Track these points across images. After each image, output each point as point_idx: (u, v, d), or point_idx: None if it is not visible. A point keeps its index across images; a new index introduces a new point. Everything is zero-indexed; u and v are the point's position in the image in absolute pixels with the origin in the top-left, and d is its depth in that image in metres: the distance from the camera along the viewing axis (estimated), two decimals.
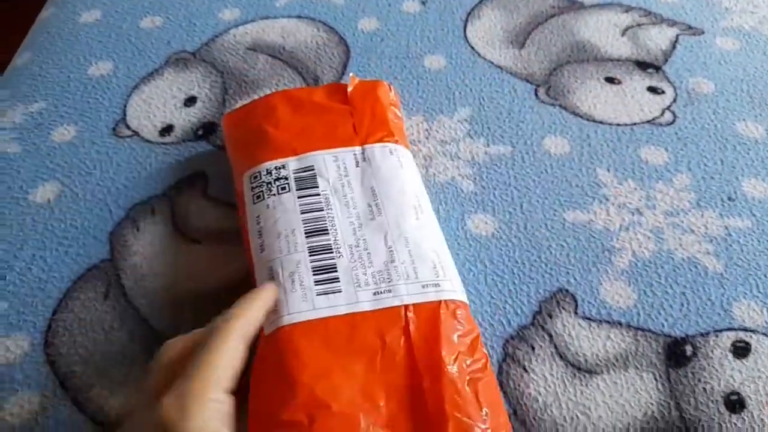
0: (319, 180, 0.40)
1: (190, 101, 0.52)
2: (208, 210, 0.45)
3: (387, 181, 0.40)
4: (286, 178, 0.40)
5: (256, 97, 0.52)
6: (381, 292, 0.35)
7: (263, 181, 0.40)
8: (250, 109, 0.46)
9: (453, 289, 0.36)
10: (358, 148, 0.41)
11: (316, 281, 0.35)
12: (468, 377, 0.33)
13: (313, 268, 0.36)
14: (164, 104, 0.52)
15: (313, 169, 0.40)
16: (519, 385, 0.37)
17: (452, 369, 0.33)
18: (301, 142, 0.41)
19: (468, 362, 0.34)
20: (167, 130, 0.50)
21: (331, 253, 0.37)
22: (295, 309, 0.34)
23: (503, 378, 0.38)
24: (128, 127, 0.50)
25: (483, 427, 0.31)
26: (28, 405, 0.37)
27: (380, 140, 0.42)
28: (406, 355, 0.33)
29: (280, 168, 0.40)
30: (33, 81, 0.54)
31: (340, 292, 0.35)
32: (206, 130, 0.50)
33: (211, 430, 0.29)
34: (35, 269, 0.42)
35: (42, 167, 0.48)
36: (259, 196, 0.39)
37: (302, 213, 0.38)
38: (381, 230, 0.38)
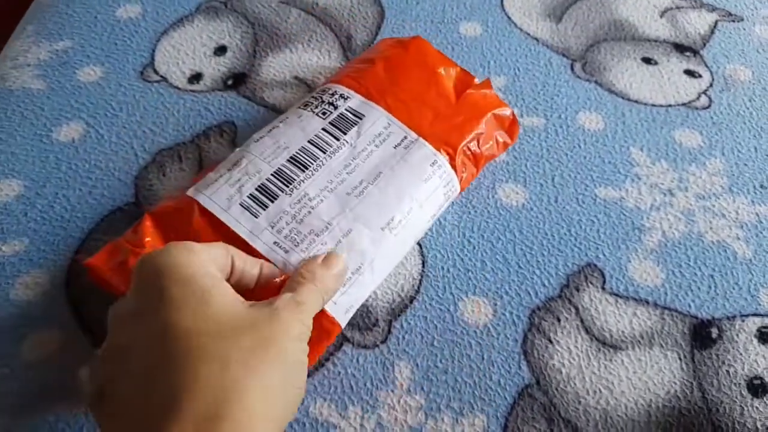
0: (353, 129, 0.39)
1: (221, 50, 0.51)
2: None
3: (397, 182, 0.38)
4: (336, 108, 0.40)
5: (288, 51, 0.51)
6: (279, 247, 0.35)
7: (321, 99, 0.41)
8: (416, 46, 0.45)
9: (334, 302, 0.34)
10: (413, 135, 0.40)
11: (250, 195, 0.36)
12: None
13: (261, 185, 0.37)
14: (194, 51, 0.51)
15: (360, 119, 0.40)
16: (543, 356, 0.37)
17: None
18: (393, 96, 0.41)
19: None
20: (196, 77, 0.49)
21: (286, 187, 0.37)
22: (215, 196, 0.36)
23: (528, 347, 0.37)
24: (156, 72, 0.49)
25: None
26: (48, 343, 0.36)
27: (438, 149, 0.40)
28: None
29: (343, 97, 0.41)
30: (59, 19, 0.53)
31: (255, 218, 0.35)
32: (236, 80, 0.49)
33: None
34: (58, 208, 0.42)
35: (66, 106, 0.47)
36: (306, 105, 0.41)
37: (308, 141, 0.39)
38: (341, 206, 0.37)
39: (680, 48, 0.53)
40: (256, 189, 0.36)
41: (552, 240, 0.42)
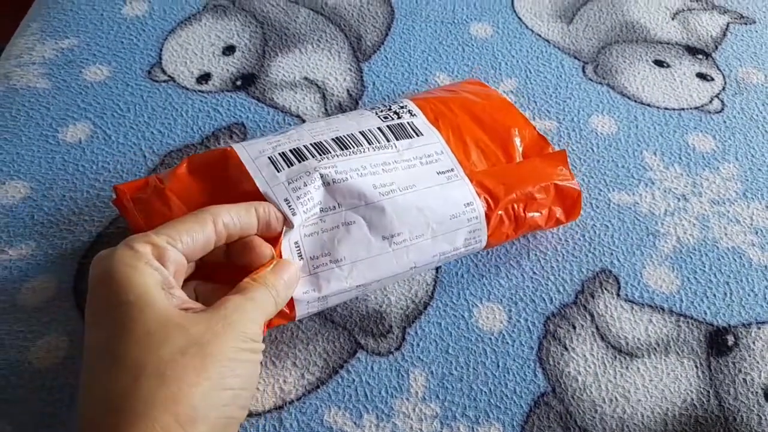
0: (406, 140, 0.39)
1: (229, 50, 0.50)
2: None
3: (424, 203, 0.37)
4: (400, 117, 0.40)
5: (297, 51, 0.50)
6: (288, 207, 0.34)
7: (389, 108, 0.41)
8: (499, 100, 0.44)
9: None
10: (460, 171, 0.38)
11: (281, 153, 0.36)
12: None
13: (296, 148, 0.37)
14: (202, 51, 0.50)
15: (417, 135, 0.39)
16: (559, 363, 0.37)
17: None
18: (457, 133, 0.40)
19: None
20: (204, 78, 0.48)
21: (319, 155, 0.37)
22: (250, 148, 0.37)
23: (543, 355, 0.37)
24: (164, 72, 0.48)
25: None
26: (55, 350, 0.36)
27: (479, 195, 0.38)
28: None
29: (411, 113, 0.41)
30: (64, 16, 0.52)
31: (277, 171, 0.36)
32: (245, 81, 0.48)
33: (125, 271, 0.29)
34: (65, 210, 0.41)
35: (73, 106, 0.46)
36: (373, 108, 0.41)
37: (359, 132, 0.38)
38: (360, 195, 0.36)
39: (692, 50, 0.53)
40: (290, 150, 0.37)
41: (566, 245, 0.41)
